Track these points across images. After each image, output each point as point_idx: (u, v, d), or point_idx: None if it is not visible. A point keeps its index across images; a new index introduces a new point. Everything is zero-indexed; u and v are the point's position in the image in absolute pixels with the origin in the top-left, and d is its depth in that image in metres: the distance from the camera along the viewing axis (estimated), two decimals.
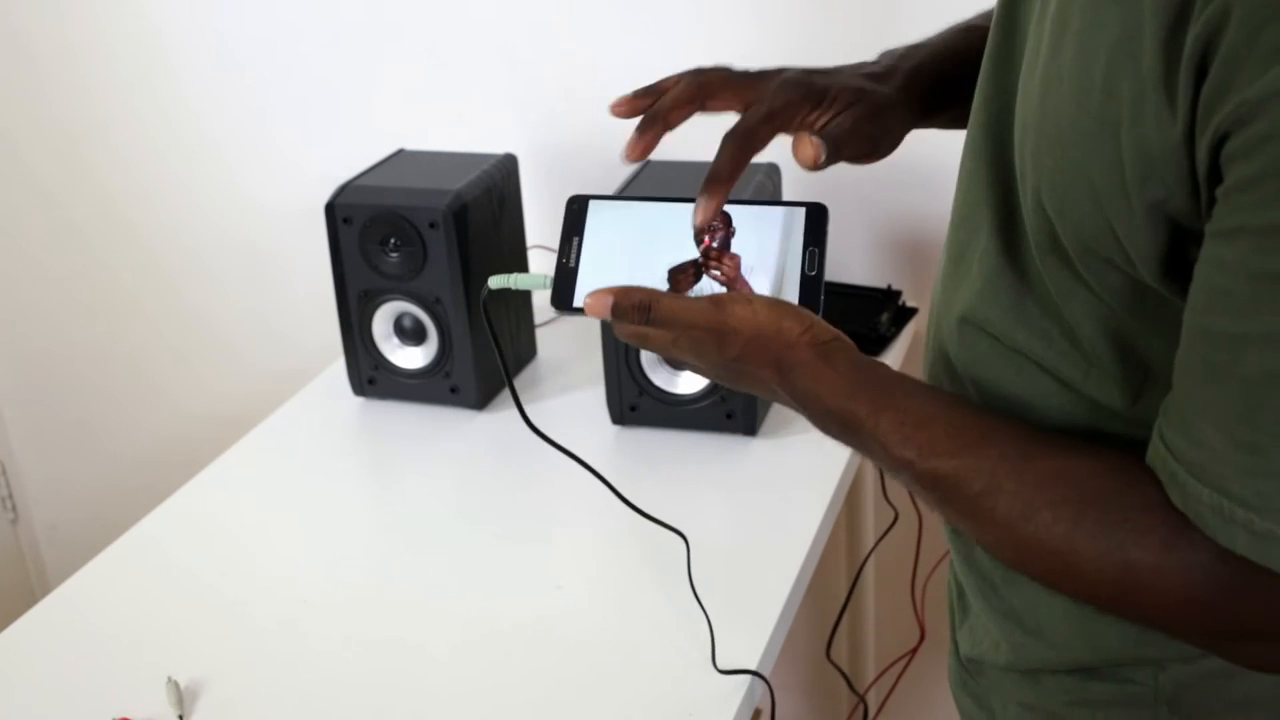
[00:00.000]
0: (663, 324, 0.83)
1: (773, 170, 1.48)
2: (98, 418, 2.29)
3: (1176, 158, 0.65)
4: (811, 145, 0.88)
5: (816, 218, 0.90)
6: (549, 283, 0.90)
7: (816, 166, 0.88)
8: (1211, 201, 0.64)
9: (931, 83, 0.98)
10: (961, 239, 0.87)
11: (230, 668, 1.17)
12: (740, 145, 0.88)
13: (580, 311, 0.88)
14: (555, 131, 1.78)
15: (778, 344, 0.82)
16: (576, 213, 0.92)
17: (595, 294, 0.84)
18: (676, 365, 1.47)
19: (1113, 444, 0.77)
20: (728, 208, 0.90)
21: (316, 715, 1.12)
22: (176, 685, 1.13)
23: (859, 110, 0.92)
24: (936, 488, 0.78)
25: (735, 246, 0.89)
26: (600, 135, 0.96)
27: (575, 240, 0.90)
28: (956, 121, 1.00)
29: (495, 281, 0.91)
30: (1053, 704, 0.90)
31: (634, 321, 0.84)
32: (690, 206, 0.89)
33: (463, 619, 1.22)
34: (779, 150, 1.41)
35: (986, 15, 1.01)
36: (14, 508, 2.41)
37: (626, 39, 1.76)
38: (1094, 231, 0.71)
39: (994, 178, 0.83)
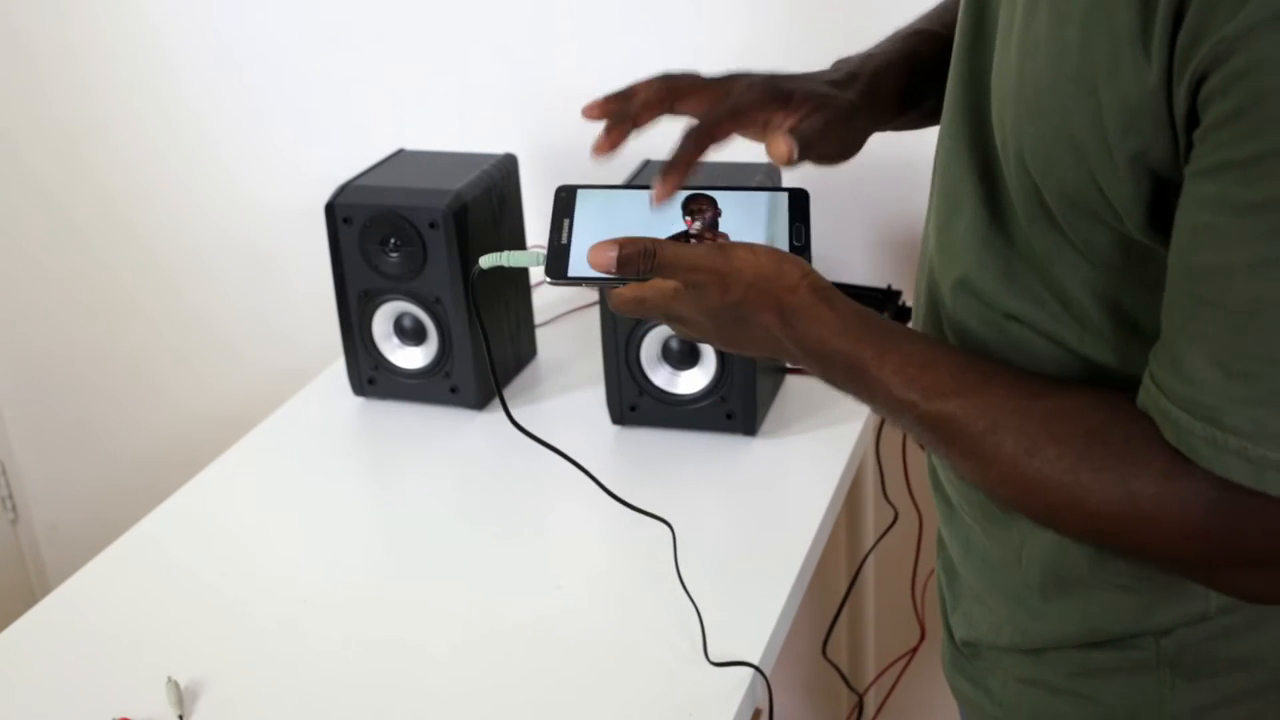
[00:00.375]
0: (667, 267, 0.84)
1: (772, 170, 1.48)
2: (98, 418, 2.29)
3: (1154, 107, 0.67)
4: (785, 142, 0.91)
5: (799, 200, 0.93)
6: (541, 259, 0.91)
7: (789, 163, 0.91)
8: (1190, 147, 0.66)
9: (891, 88, 1.01)
10: (944, 216, 0.89)
11: (230, 668, 1.17)
12: (701, 136, 0.91)
13: (575, 282, 0.90)
14: (555, 131, 1.78)
15: (779, 288, 0.83)
16: (565, 200, 0.94)
17: (597, 247, 0.85)
18: (674, 361, 1.47)
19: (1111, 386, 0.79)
20: (713, 193, 0.92)
21: (316, 715, 1.12)
22: (176, 685, 1.13)
23: (827, 114, 0.95)
24: (941, 428, 0.80)
25: (722, 227, 0.92)
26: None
27: (566, 222, 0.92)
28: (914, 123, 1.04)
29: (487, 261, 0.93)
30: (1054, 677, 0.91)
31: (639, 268, 0.84)
32: (678, 193, 0.92)
33: (463, 619, 1.23)
34: None
35: (927, 19, 1.06)
36: (14, 508, 2.41)
37: (626, 39, 1.76)
38: (1079, 188, 0.73)
39: (974, 153, 0.85)
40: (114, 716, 1.11)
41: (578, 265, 0.89)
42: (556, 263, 0.90)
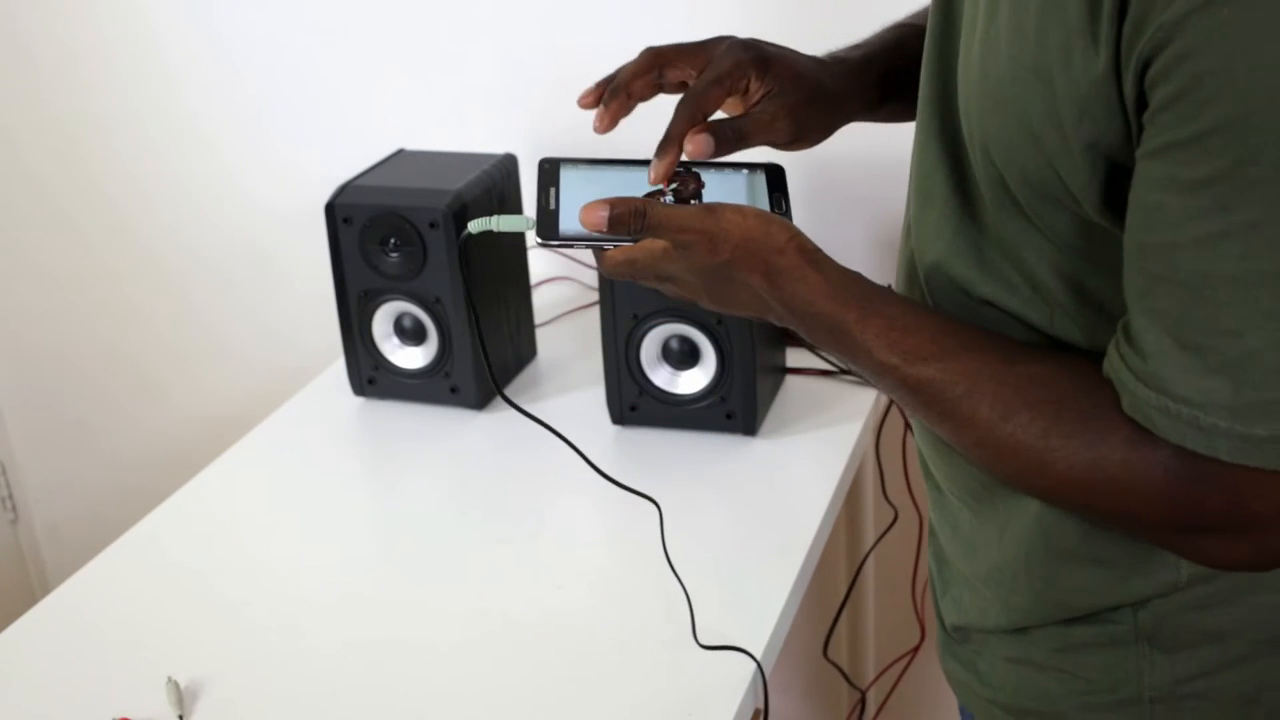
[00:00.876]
0: (657, 228, 0.86)
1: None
2: (98, 418, 2.29)
3: (1105, 94, 0.70)
4: (696, 142, 0.92)
5: (776, 174, 0.97)
6: (531, 223, 0.93)
7: (705, 157, 0.93)
8: (1141, 130, 0.69)
9: (878, 74, 1.05)
10: (918, 206, 0.91)
11: (230, 668, 1.17)
12: (692, 107, 0.93)
13: (566, 244, 0.91)
14: (555, 132, 1.78)
15: (767, 249, 0.85)
16: (549, 171, 0.96)
17: (589, 206, 0.87)
18: (674, 361, 1.47)
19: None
20: (696, 168, 0.95)
21: (316, 715, 1.12)
22: (176, 685, 1.13)
23: (793, 97, 0.98)
24: (920, 391, 0.82)
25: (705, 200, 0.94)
26: (601, 135, 0.97)
27: (552, 190, 0.94)
28: (898, 114, 1.06)
29: (475, 225, 0.94)
30: (1039, 654, 0.93)
31: (630, 228, 0.86)
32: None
33: (463, 619, 1.23)
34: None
35: (915, 15, 1.09)
36: (14, 508, 2.41)
37: (627, 39, 1.75)
38: (1040, 177, 0.76)
39: (944, 146, 0.87)
40: (114, 716, 1.11)
41: (568, 227, 0.91)
42: (546, 225, 0.92)
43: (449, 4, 1.82)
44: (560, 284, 1.80)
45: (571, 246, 0.92)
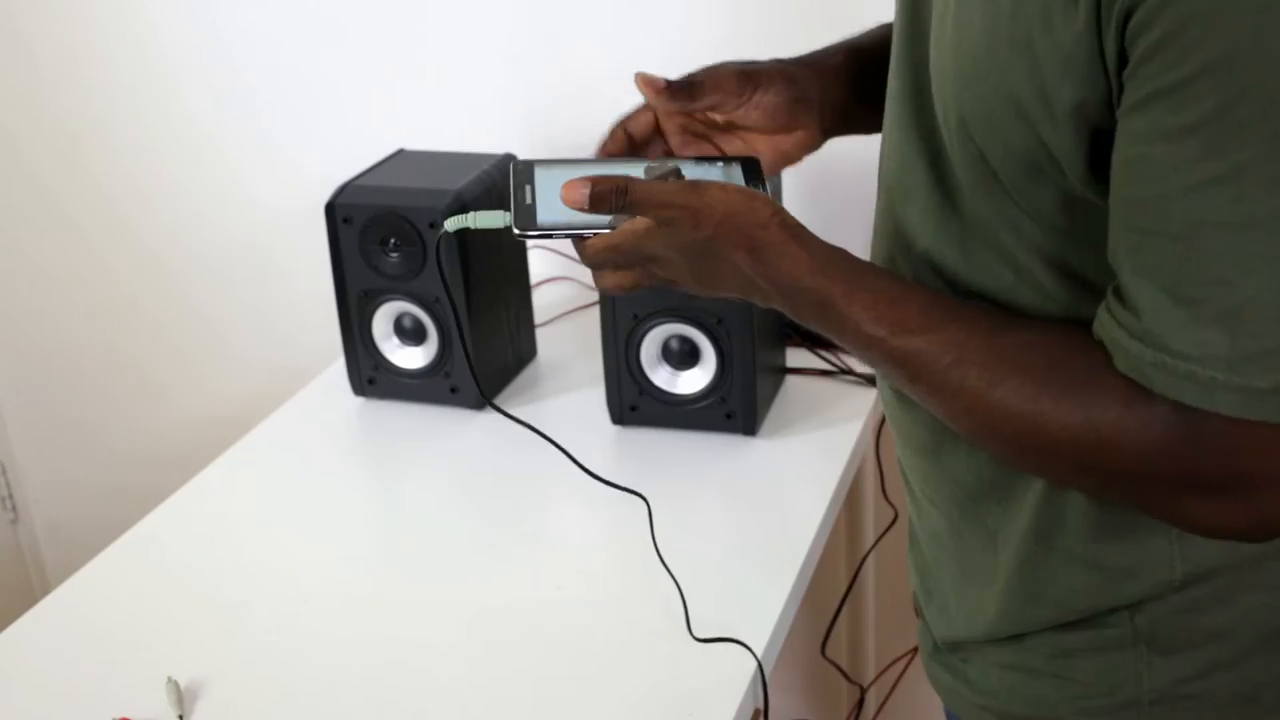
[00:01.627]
0: (639, 204, 0.86)
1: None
2: (98, 418, 2.29)
3: (1086, 55, 0.70)
4: (646, 79, 0.96)
5: (752, 166, 0.97)
6: (507, 219, 0.92)
7: (663, 95, 0.97)
8: (1121, 89, 0.69)
9: (854, 72, 1.05)
10: (899, 202, 0.91)
11: (230, 668, 1.17)
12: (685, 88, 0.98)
13: (545, 234, 0.91)
14: (555, 132, 1.78)
15: (750, 224, 0.84)
16: (523, 170, 0.95)
17: (570, 184, 0.87)
18: (674, 361, 1.47)
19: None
20: (675, 161, 0.95)
21: (316, 715, 1.12)
22: (176, 685, 1.13)
23: (768, 88, 1.00)
24: (908, 364, 0.82)
25: None
26: (600, 135, 0.98)
27: (528, 187, 0.93)
28: (875, 113, 1.04)
29: (452, 223, 0.94)
30: (1034, 660, 0.93)
31: (612, 204, 0.86)
32: (631, 165, 0.93)
33: (462, 619, 1.23)
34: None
35: (881, 26, 1.09)
36: (14, 508, 2.41)
37: (626, 39, 1.76)
38: (1023, 146, 0.76)
39: (920, 137, 0.87)
40: (114, 716, 1.11)
41: (545, 217, 0.90)
42: (524, 218, 0.91)
43: (449, 4, 1.82)
44: (560, 284, 1.80)
45: (550, 237, 0.91)
